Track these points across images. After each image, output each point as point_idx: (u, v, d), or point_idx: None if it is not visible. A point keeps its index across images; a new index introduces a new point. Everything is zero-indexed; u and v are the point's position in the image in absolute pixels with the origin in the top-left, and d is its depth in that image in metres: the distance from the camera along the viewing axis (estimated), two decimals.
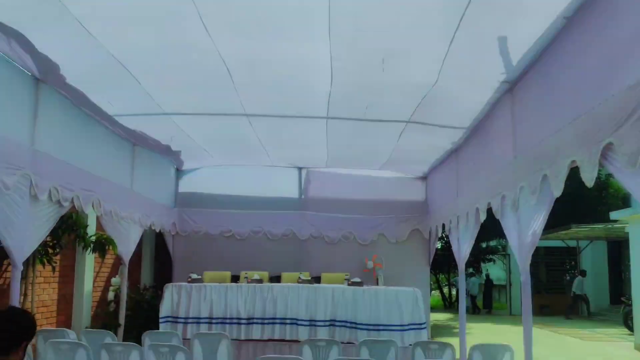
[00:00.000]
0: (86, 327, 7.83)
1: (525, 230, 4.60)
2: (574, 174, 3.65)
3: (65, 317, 7.69)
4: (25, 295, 6.24)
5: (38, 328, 6.20)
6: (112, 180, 6.80)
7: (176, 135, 7.69)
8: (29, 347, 4.99)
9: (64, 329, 5.88)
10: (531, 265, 4.76)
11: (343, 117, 6.73)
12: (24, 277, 6.17)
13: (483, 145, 6.13)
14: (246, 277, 8.46)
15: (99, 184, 6.33)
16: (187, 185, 10.22)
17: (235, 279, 8.72)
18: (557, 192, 3.82)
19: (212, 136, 7.96)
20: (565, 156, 3.67)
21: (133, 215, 7.47)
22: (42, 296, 7.10)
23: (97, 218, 7.57)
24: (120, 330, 7.55)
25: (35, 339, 5.88)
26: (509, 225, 5.09)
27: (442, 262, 21.30)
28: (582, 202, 18.11)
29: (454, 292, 24.33)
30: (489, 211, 5.82)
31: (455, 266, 17.24)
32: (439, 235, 9.23)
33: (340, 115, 6.66)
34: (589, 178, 3.33)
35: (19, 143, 4.76)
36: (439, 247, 20.99)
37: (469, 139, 6.75)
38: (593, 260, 20.48)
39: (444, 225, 8.25)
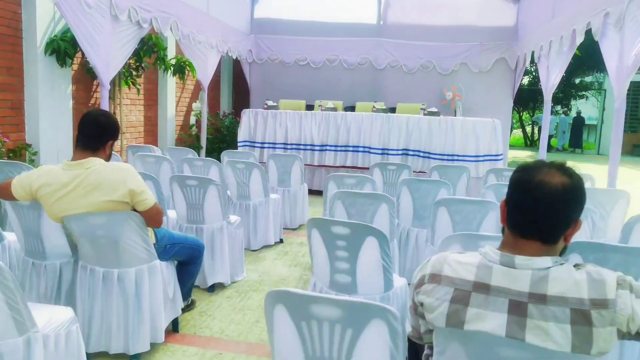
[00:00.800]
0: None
1: (627, 51, 4.09)
2: None
3: (151, 139, 8.23)
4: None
5: (127, 144, 6.73)
6: (188, 3, 6.77)
7: None
8: (120, 156, 5.45)
9: (151, 145, 6.32)
10: (630, 101, 4.34)
11: None
12: (112, 97, 6.57)
13: None
14: (320, 106, 8.48)
15: (175, 6, 6.36)
16: (263, 10, 9.94)
17: (309, 108, 8.77)
18: None
19: None
20: None
21: (210, 40, 7.52)
22: (130, 117, 7.57)
23: (176, 43, 7.64)
24: (202, 152, 8.05)
25: (125, 155, 6.41)
26: (608, 48, 4.55)
27: (527, 99, 20.05)
28: None
29: (536, 130, 23.36)
30: (587, 35, 5.23)
31: (541, 103, 16.23)
32: (527, 64, 8.53)
33: None
34: None
35: None
36: (525, 83, 19.67)
37: None
38: None
39: (532, 55, 7.58)
